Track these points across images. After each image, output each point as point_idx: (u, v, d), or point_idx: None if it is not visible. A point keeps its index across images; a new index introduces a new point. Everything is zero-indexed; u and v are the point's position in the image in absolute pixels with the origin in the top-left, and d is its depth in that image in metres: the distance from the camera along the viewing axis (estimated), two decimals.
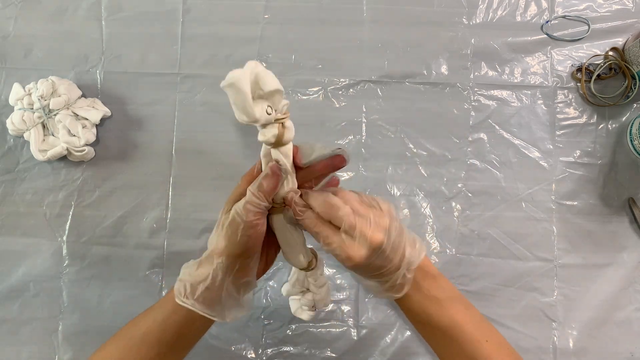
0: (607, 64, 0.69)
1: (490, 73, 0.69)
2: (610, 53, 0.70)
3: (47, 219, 0.66)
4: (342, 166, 0.42)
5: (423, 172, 0.67)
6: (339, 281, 0.65)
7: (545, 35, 0.70)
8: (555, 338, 0.64)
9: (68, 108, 0.65)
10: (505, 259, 0.66)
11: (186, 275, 0.44)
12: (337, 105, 0.69)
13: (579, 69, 0.69)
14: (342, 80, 0.69)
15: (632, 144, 0.65)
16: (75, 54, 0.69)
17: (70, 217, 0.66)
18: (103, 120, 0.67)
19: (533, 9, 0.71)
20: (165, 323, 0.45)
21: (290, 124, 0.39)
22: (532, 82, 0.69)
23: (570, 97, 0.69)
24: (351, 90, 0.69)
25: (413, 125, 0.68)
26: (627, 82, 0.68)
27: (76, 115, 0.65)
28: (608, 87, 0.69)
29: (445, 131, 0.68)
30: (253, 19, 0.70)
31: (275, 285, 0.65)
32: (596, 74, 0.68)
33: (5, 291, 0.65)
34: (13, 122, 0.64)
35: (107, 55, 0.69)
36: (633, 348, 0.64)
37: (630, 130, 0.66)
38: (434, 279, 0.45)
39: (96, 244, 0.66)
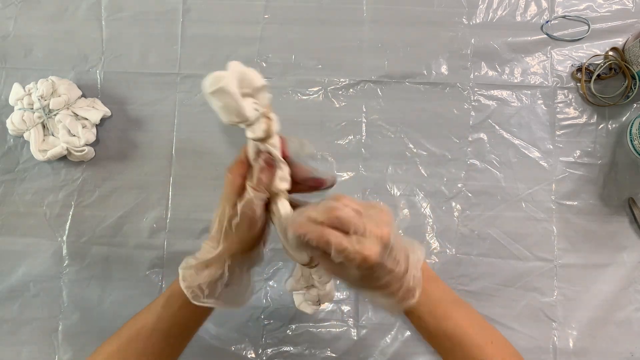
0: (607, 64, 0.69)
1: (490, 73, 0.69)
2: (610, 53, 0.70)
3: (47, 219, 0.66)
4: (329, 187, 0.44)
5: (423, 172, 0.67)
6: (339, 281, 0.65)
7: (545, 35, 0.70)
8: (555, 338, 0.64)
9: (68, 108, 0.65)
10: (505, 259, 0.66)
11: (193, 276, 0.44)
12: (337, 105, 0.69)
13: (579, 69, 0.69)
14: (342, 80, 0.69)
15: (632, 144, 0.65)
16: (75, 54, 0.69)
17: (70, 217, 0.66)
18: (103, 120, 0.67)
19: (533, 9, 0.71)
20: (172, 318, 0.46)
21: (274, 115, 0.40)
22: (532, 82, 0.69)
23: (570, 97, 0.69)
24: (351, 90, 0.69)
25: (413, 125, 0.68)
26: (627, 82, 0.68)
27: (76, 115, 0.65)
28: (608, 87, 0.69)
29: (445, 131, 0.68)
30: (253, 19, 0.70)
31: (275, 285, 0.65)
32: (596, 74, 0.68)
33: (5, 291, 0.65)
34: (13, 122, 0.64)
35: (107, 55, 0.69)
36: (633, 348, 0.64)
37: (630, 130, 0.66)
38: (435, 281, 0.45)
39: (96, 244, 0.66)
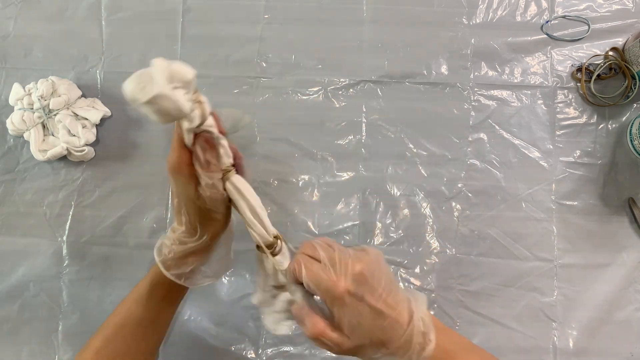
0: (607, 64, 0.69)
1: (490, 73, 0.69)
2: (610, 53, 0.70)
3: (47, 219, 0.66)
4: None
5: (423, 172, 0.67)
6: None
7: (545, 35, 0.70)
8: (555, 338, 0.64)
9: (68, 108, 0.65)
10: (505, 259, 0.65)
11: (178, 264, 0.46)
12: (337, 105, 0.69)
13: (579, 69, 0.69)
14: (342, 80, 0.69)
15: (632, 144, 0.65)
16: (75, 54, 0.69)
17: (70, 217, 0.66)
18: (103, 120, 0.67)
19: (533, 9, 0.71)
20: (158, 306, 0.49)
21: (204, 97, 0.39)
22: (532, 82, 0.69)
23: (570, 97, 0.69)
24: (351, 90, 0.69)
25: (413, 125, 0.68)
26: (627, 82, 0.68)
27: (76, 115, 0.65)
28: (608, 87, 0.69)
29: (445, 131, 0.68)
30: (253, 19, 0.70)
31: None
32: (596, 74, 0.68)
33: (5, 291, 0.65)
34: (13, 122, 0.64)
35: (107, 55, 0.69)
36: (633, 348, 0.64)
37: (630, 130, 0.66)
38: (446, 331, 0.43)
39: (96, 244, 0.66)
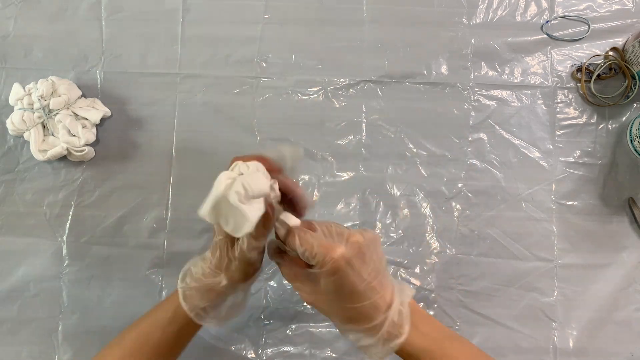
0: (607, 64, 0.69)
1: (490, 73, 0.69)
2: (610, 53, 0.70)
3: (47, 219, 0.66)
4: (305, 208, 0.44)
5: (423, 172, 0.67)
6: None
7: (545, 35, 0.70)
8: (555, 338, 0.64)
9: (68, 108, 0.65)
10: (505, 259, 0.66)
11: (195, 298, 0.46)
12: (337, 105, 0.69)
13: (579, 69, 0.69)
14: (342, 80, 0.69)
15: (632, 144, 0.65)
16: (75, 54, 0.69)
17: (70, 217, 0.66)
18: (103, 120, 0.67)
19: (533, 9, 0.71)
20: (177, 333, 0.47)
21: (275, 186, 0.38)
22: (532, 82, 0.69)
23: (570, 97, 0.69)
24: (351, 90, 0.69)
25: (413, 125, 0.68)
26: (627, 82, 0.68)
27: (76, 115, 0.65)
28: (608, 87, 0.69)
29: (445, 131, 0.68)
30: (253, 19, 0.70)
31: (275, 285, 0.65)
32: (596, 74, 0.68)
33: (5, 291, 0.65)
34: (13, 122, 0.64)
35: (107, 55, 0.69)
36: (633, 348, 0.64)
37: (630, 130, 0.66)
38: (428, 319, 0.44)
39: (96, 244, 0.66)
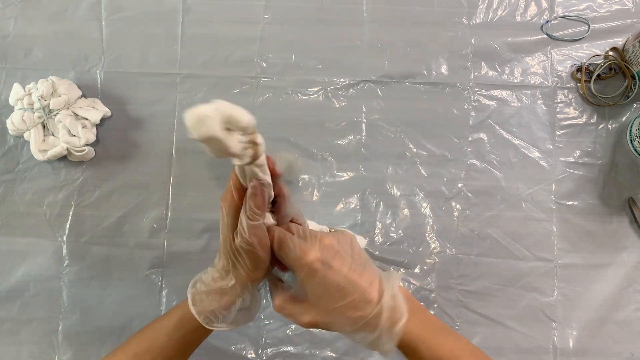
0: (607, 64, 0.69)
1: (490, 73, 0.69)
2: (610, 53, 0.70)
3: (47, 219, 0.66)
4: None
5: (423, 172, 0.67)
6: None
7: (545, 35, 0.70)
8: (555, 338, 0.64)
9: (68, 108, 0.65)
10: (505, 259, 0.66)
11: (204, 302, 0.45)
12: (337, 105, 0.69)
13: (579, 69, 0.69)
14: (342, 80, 0.69)
15: (632, 144, 0.65)
16: (75, 54, 0.69)
17: (70, 217, 0.66)
18: (103, 120, 0.67)
19: (533, 9, 0.71)
20: (183, 339, 0.48)
21: (261, 138, 0.38)
22: (532, 82, 0.69)
23: (570, 97, 0.69)
24: (351, 90, 0.69)
25: (413, 125, 0.68)
26: (627, 82, 0.68)
27: (76, 115, 0.65)
28: (608, 87, 0.69)
29: (445, 131, 0.68)
30: (253, 19, 0.70)
31: None
32: (596, 74, 0.68)
33: (5, 291, 0.65)
34: (13, 122, 0.64)
35: (107, 55, 0.69)
36: (633, 348, 0.64)
37: (630, 130, 0.66)
38: (423, 310, 0.44)
39: (96, 244, 0.66)
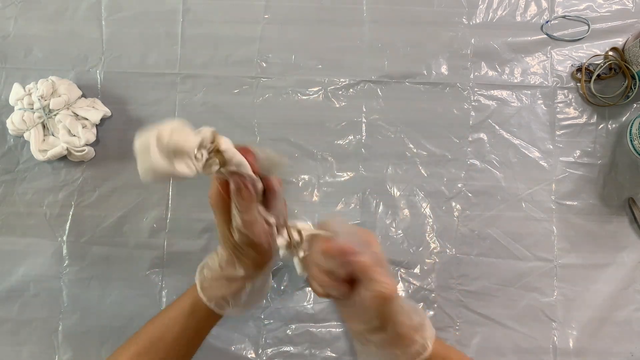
0: (607, 64, 0.69)
1: (490, 73, 0.69)
2: (610, 53, 0.70)
3: (47, 219, 0.66)
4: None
5: (423, 172, 0.67)
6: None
7: (545, 35, 0.70)
8: (555, 338, 0.64)
9: (68, 108, 0.65)
10: (505, 259, 0.65)
11: (213, 288, 0.46)
12: (337, 105, 0.69)
13: (579, 69, 0.69)
14: (342, 80, 0.69)
15: (632, 144, 0.65)
16: (75, 54, 0.69)
17: (70, 217, 0.66)
18: (103, 120, 0.67)
19: (533, 9, 0.71)
20: (197, 326, 0.48)
21: (225, 143, 0.35)
22: (532, 82, 0.69)
23: (570, 97, 0.69)
24: (351, 90, 0.69)
25: (413, 125, 0.68)
26: (627, 82, 0.68)
27: (76, 115, 0.65)
28: (608, 87, 0.69)
29: (445, 131, 0.68)
30: (253, 19, 0.70)
31: (275, 285, 0.65)
32: (596, 74, 0.68)
33: (5, 291, 0.65)
34: (13, 122, 0.64)
35: (107, 55, 0.69)
36: (633, 348, 0.64)
37: (630, 130, 0.66)
38: (449, 349, 0.44)
39: (96, 244, 0.66)
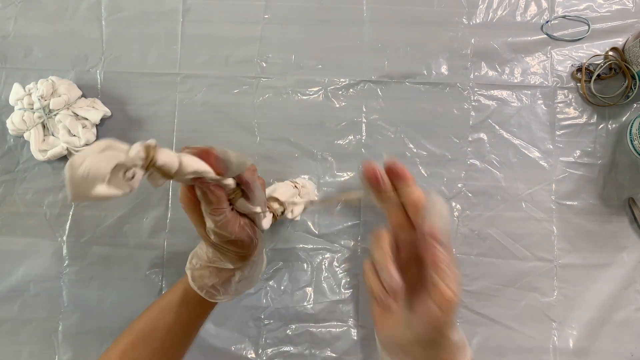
0: (607, 64, 0.69)
1: (490, 73, 0.69)
2: (610, 53, 0.70)
3: (47, 219, 0.66)
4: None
5: (423, 172, 0.67)
6: (343, 281, 0.65)
7: (545, 35, 0.70)
8: (555, 338, 0.64)
9: (68, 108, 0.65)
10: (505, 259, 0.66)
11: (204, 277, 0.46)
12: (337, 105, 0.69)
13: (579, 69, 0.69)
14: (342, 80, 0.69)
15: (632, 144, 0.65)
16: (75, 54, 0.69)
17: (70, 217, 0.66)
18: (103, 120, 0.67)
19: (533, 9, 0.71)
20: (189, 315, 0.48)
21: (162, 155, 0.31)
22: (532, 82, 0.69)
23: (570, 97, 0.69)
24: (351, 90, 0.69)
25: (413, 125, 0.68)
26: (627, 82, 0.68)
27: (76, 115, 0.65)
28: (608, 87, 0.69)
29: (445, 131, 0.68)
30: (253, 19, 0.70)
31: (275, 286, 0.65)
32: (596, 74, 0.68)
33: (5, 291, 0.65)
34: (13, 122, 0.64)
35: (107, 55, 0.69)
36: (633, 348, 0.64)
37: (630, 130, 0.66)
38: None
39: (96, 244, 0.66)
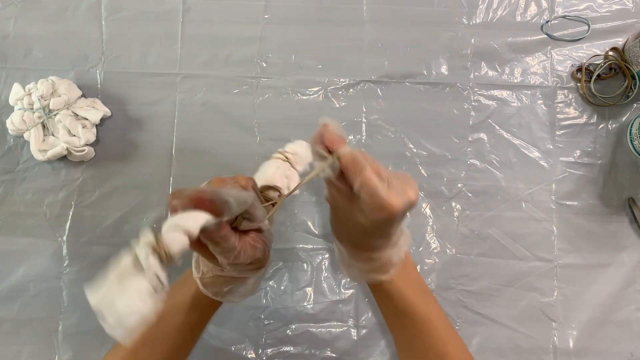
0: (607, 64, 0.69)
1: (490, 73, 0.69)
2: (610, 53, 0.70)
3: (47, 219, 0.66)
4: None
5: (423, 172, 0.67)
6: (343, 281, 0.65)
7: (545, 35, 0.70)
8: (555, 338, 0.64)
9: (68, 108, 0.65)
10: (505, 259, 0.65)
11: (218, 286, 0.44)
12: (337, 105, 0.69)
13: (579, 69, 0.69)
14: (342, 80, 0.69)
15: (632, 144, 0.65)
16: (75, 54, 0.69)
17: (70, 217, 0.66)
18: (103, 120, 0.67)
19: (533, 9, 0.71)
20: (189, 312, 0.46)
21: (170, 245, 0.31)
22: (532, 82, 0.69)
23: (570, 97, 0.69)
24: (351, 90, 0.69)
25: (413, 125, 0.68)
26: (627, 82, 0.68)
27: (76, 115, 0.65)
28: (608, 87, 0.69)
29: (445, 131, 0.68)
30: (253, 19, 0.70)
31: (275, 285, 0.65)
32: (596, 74, 0.68)
33: (5, 291, 0.65)
34: (13, 122, 0.64)
35: (107, 55, 0.69)
36: (633, 348, 0.64)
37: (630, 130, 0.66)
38: (412, 267, 0.44)
39: (96, 244, 0.66)
